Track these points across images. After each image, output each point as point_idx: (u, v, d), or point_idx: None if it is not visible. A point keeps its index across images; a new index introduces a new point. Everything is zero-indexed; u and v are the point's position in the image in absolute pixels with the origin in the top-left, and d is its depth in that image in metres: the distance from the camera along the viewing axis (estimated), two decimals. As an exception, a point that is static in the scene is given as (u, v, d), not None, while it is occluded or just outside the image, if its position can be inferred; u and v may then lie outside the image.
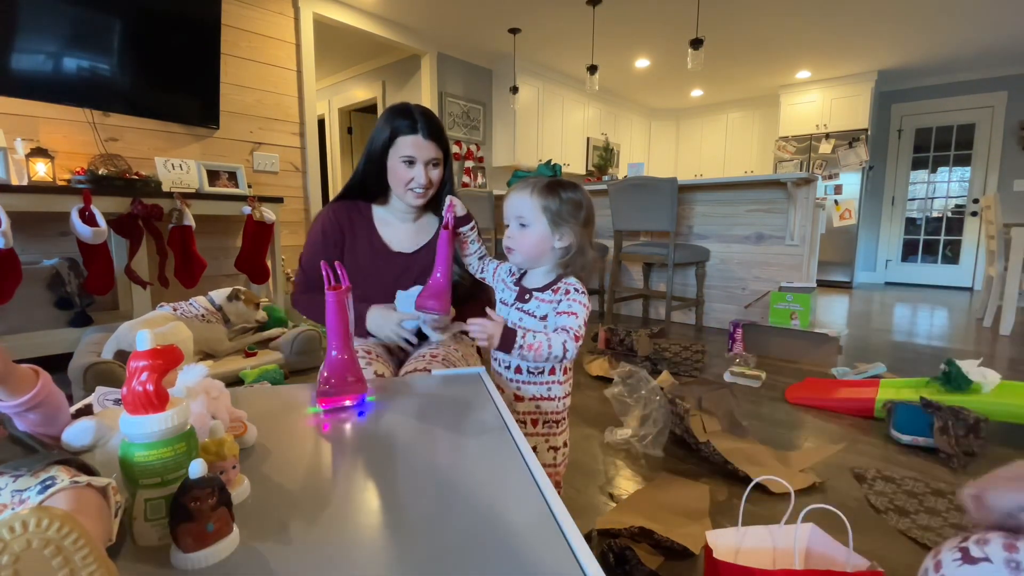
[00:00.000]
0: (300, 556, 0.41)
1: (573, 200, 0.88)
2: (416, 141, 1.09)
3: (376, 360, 1.03)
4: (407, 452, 0.62)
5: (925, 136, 5.76)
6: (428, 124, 1.10)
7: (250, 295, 2.34)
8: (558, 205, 0.86)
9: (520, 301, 0.92)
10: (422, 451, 0.62)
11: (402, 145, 1.10)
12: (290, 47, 3.49)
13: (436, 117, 1.14)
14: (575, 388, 2.23)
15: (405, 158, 1.10)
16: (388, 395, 0.83)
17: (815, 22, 4.24)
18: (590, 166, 6.27)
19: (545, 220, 0.87)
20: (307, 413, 0.74)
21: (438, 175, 1.15)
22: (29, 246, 2.35)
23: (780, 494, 1.31)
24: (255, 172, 3.34)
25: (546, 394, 0.91)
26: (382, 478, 0.55)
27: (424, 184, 1.12)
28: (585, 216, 0.89)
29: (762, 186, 3.24)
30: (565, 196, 0.87)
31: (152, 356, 0.42)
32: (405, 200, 1.15)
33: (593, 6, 3.93)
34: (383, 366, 1.04)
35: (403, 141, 1.10)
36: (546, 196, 0.87)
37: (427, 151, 1.11)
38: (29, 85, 2.30)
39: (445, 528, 0.45)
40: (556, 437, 0.93)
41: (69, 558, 0.30)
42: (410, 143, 1.09)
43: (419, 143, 1.10)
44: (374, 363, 1.02)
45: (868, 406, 1.86)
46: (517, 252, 0.90)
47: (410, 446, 0.64)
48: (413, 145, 1.09)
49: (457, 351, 1.12)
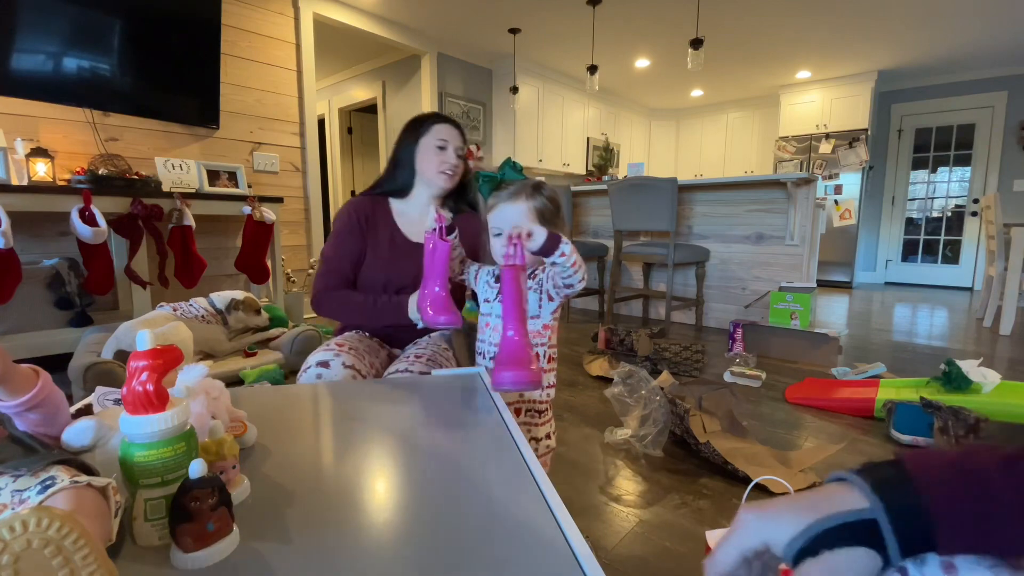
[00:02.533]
0: (300, 556, 0.41)
1: (554, 198, 0.94)
2: (448, 128, 1.23)
3: (346, 352, 1.03)
4: (407, 452, 0.62)
5: (925, 136, 5.76)
6: (455, 123, 1.25)
7: (251, 302, 2.34)
8: (544, 205, 0.92)
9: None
10: (422, 451, 0.62)
11: (436, 131, 1.22)
12: (290, 47, 3.49)
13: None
14: (575, 388, 2.24)
15: (440, 142, 1.21)
16: (388, 395, 0.83)
17: (815, 22, 4.24)
18: (590, 166, 6.27)
19: (540, 224, 0.89)
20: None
21: (462, 166, 1.24)
22: (29, 246, 2.35)
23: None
24: (255, 172, 3.34)
25: None
26: (382, 478, 0.55)
27: (455, 165, 1.22)
28: (562, 212, 0.95)
29: (762, 186, 3.24)
30: (548, 194, 0.93)
31: (152, 356, 0.42)
32: (436, 183, 1.22)
33: (593, 6, 3.93)
34: (354, 358, 1.03)
35: (437, 128, 1.22)
36: (536, 200, 0.92)
37: (457, 138, 1.23)
38: (29, 85, 2.30)
39: (445, 528, 0.45)
40: (538, 428, 0.94)
41: (69, 558, 0.30)
42: (444, 129, 1.22)
43: (451, 131, 1.23)
44: (342, 355, 1.02)
45: (868, 406, 1.86)
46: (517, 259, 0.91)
47: (410, 446, 0.64)
48: (445, 131, 1.22)
49: (446, 351, 1.14)
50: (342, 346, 1.05)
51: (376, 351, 1.17)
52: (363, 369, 1.03)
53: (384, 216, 1.25)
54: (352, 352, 1.04)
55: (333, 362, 1.00)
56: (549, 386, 0.94)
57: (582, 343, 2.96)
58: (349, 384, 0.93)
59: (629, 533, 1.21)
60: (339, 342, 1.07)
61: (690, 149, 7.33)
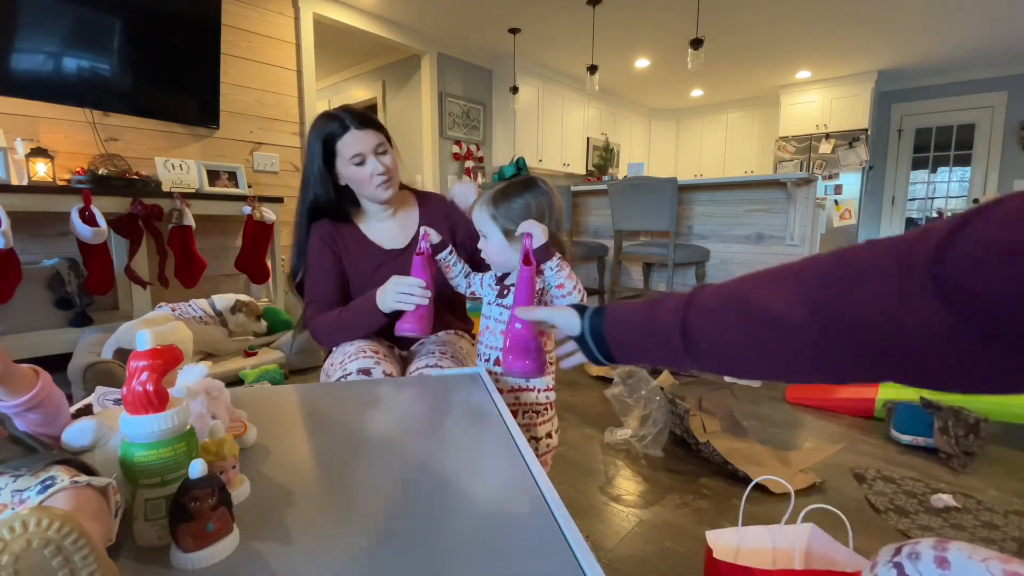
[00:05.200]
0: (300, 556, 0.41)
1: (520, 204, 0.89)
2: (354, 137, 1.05)
3: (384, 360, 1.02)
4: (407, 452, 0.62)
5: (925, 136, 5.75)
6: (356, 116, 1.07)
7: (252, 306, 2.34)
8: (506, 212, 0.89)
9: (500, 297, 0.94)
10: (422, 451, 0.62)
11: (344, 149, 1.06)
12: (290, 47, 3.49)
13: (360, 108, 1.10)
14: (575, 388, 2.24)
15: (354, 159, 1.06)
16: (388, 395, 0.83)
17: (815, 22, 4.24)
18: (590, 166, 6.27)
19: (498, 229, 0.89)
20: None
21: (390, 160, 1.10)
22: (29, 246, 2.35)
23: (780, 494, 1.31)
24: (255, 172, 3.34)
25: (525, 384, 0.92)
26: (382, 478, 0.55)
27: (384, 171, 1.08)
28: (538, 213, 0.89)
29: (762, 186, 3.24)
30: (512, 202, 0.89)
31: (152, 356, 0.42)
32: (376, 198, 1.11)
33: (593, 6, 3.92)
34: (391, 366, 1.03)
35: (342, 144, 1.06)
36: (493, 206, 0.90)
37: (368, 140, 1.06)
38: (29, 85, 2.30)
39: (444, 528, 0.45)
40: (537, 427, 0.93)
41: (69, 558, 0.30)
42: (349, 142, 1.05)
43: (357, 136, 1.05)
44: (382, 363, 1.01)
45: (868, 406, 1.86)
46: (489, 261, 0.94)
47: (410, 446, 0.64)
48: (353, 142, 1.05)
49: (462, 348, 1.12)
50: (377, 352, 1.03)
51: (395, 354, 1.16)
52: (396, 374, 1.03)
53: (350, 232, 1.17)
54: (388, 360, 1.03)
55: (375, 370, 0.97)
56: (547, 389, 0.94)
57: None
58: (349, 384, 0.92)
59: (629, 533, 1.21)
60: (374, 348, 1.04)
61: (690, 149, 7.32)
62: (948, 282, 0.31)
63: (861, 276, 0.36)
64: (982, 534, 1.19)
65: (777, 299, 0.41)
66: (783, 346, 0.41)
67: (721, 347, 0.46)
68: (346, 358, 1.02)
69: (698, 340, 0.48)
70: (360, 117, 1.07)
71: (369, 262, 1.15)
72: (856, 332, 0.36)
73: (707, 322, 0.47)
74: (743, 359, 0.45)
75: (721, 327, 0.46)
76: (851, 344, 0.37)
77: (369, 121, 1.08)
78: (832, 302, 0.37)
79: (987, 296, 0.30)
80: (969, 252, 0.31)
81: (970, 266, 0.30)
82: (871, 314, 0.35)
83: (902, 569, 0.43)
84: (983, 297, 0.30)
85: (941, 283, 0.32)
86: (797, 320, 0.39)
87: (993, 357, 0.31)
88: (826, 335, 0.38)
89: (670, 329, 0.50)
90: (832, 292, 0.38)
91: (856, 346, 0.37)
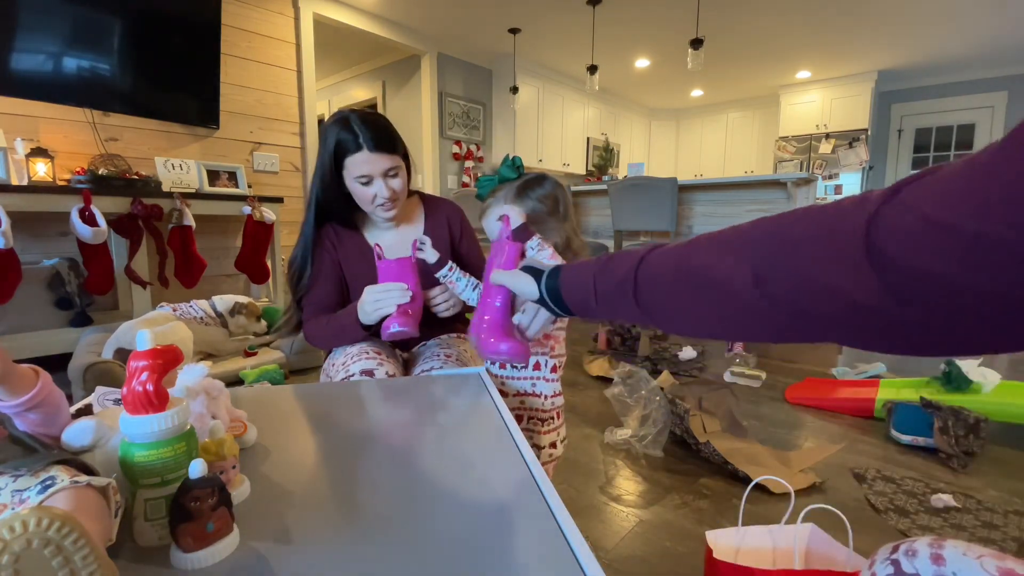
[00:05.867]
0: (300, 556, 0.41)
1: (546, 197, 0.87)
2: (365, 158, 0.99)
3: (387, 361, 1.02)
4: (407, 452, 0.62)
5: (925, 136, 5.76)
6: (374, 135, 0.99)
7: (252, 308, 2.34)
8: (533, 209, 0.86)
9: None
10: (422, 451, 0.62)
11: (352, 166, 1.00)
12: (290, 47, 3.49)
13: (382, 123, 1.03)
14: (575, 388, 2.24)
15: (361, 178, 1.01)
16: (388, 395, 0.83)
17: (815, 22, 4.24)
18: (590, 166, 6.27)
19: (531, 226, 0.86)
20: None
21: (400, 183, 1.05)
22: (29, 246, 2.35)
23: (780, 494, 1.31)
24: (255, 172, 3.34)
25: (531, 390, 0.89)
26: (382, 478, 0.55)
27: (388, 196, 1.03)
28: (564, 209, 0.88)
29: (762, 186, 3.24)
30: (536, 195, 0.87)
31: (152, 356, 0.42)
32: (376, 216, 1.09)
33: (593, 6, 3.93)
34: (393, 367, 1.02)
35: (351, 162, 1.00)
36: (520, 201, 0.87)
37: (380, 163, 1.00)
38: (29, 85, 2.30)
39: (444, 528, 0.45)
40: (541, 436, 0.90)
41: (69, 558, 0.30)
42: (359, 162, 0.99)
43: (369, 159, 0.99)
44: (385, 364, 1.00)
45: (868, 406, 1.86)
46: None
47: (410, 446, 0.64)
48: (363, 163, 0.99)
49: (466, 351, 1.12)
50: (380, 354, 1.02)
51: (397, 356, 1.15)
52: (399, 375, 1.02)
53: (352, 238, 1.15)
54: (390, 361, 1.02)
55: (377, 371, 0.96)
56: (555, 395, 0.91)
57: (582, 343, 2.96)
58: (349, 384, 0.92)
59: (629, 533, 1.21)
60: (376, 350, 1.03)
61: (690, 149, 7.33)
62: (881, 253, 0.32)
63: (802, 242, 0.38)
64: (982, 534, 1.19)
65: (721, 264, 0.43)
66: (730, 309, 0.43)
67: (670, 309, 0.50)
68: (348, 359, 1.01)
69: (648, 301, 0.52)
70: (376, 138, 0.99)
71: (369, 269, 1.13)
72: (796, 297, 0.38)
73: (656, 284, 0.51)
74: (691, 320, 0.48)
75: (669, 290, 0.49)
76: (791, 309, 0.38)
77: (386, 144, 1.01)
78: (773, 269, 0.39)
79: (914, 271, 0.30)
80: (900, 224, 0.31)
81: (901, 239, 0.31)
82: (808, 279, 0.37)
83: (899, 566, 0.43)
84: (910, 270, 0.30)
85: (874, 252, 0.32)
86: (739, 285, 0.41)
87: (922, 330, 0.32)
88: (770, 301, 0.39)
89: (624, 292, 0.54)
90: (774, 258, 0.39)
91: (796, 312, 0.38)
